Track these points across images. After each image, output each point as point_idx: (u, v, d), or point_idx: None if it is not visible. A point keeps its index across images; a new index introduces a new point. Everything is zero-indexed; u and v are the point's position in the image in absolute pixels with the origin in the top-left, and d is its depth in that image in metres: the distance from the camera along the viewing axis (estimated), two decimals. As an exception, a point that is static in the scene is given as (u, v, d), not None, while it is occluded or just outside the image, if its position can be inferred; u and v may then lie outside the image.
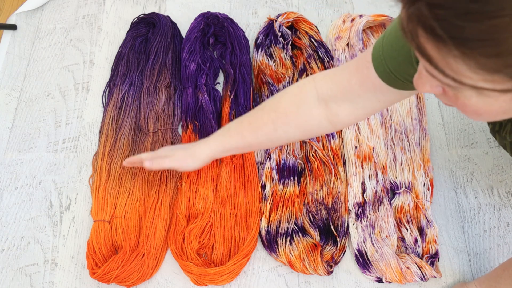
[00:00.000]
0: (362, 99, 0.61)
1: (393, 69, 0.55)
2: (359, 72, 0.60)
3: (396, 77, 0.56)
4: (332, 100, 0.64)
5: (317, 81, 0.66)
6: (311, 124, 0.67)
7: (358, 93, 0.61)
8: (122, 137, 0.93)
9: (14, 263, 0.85)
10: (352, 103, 0.63)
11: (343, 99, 0.63)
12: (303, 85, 0.67)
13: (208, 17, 1.06)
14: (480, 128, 1.00)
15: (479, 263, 0.86)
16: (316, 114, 0.66)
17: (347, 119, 0.65)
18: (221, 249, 0.84)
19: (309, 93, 0.66)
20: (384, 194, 0.89)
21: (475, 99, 0.37)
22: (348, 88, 0.61)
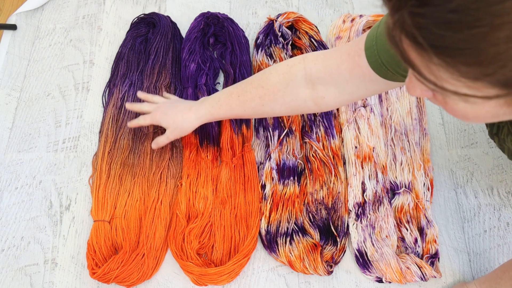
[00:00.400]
0: (349, 85, 0.62)
1: (385, 61, 0.56)
2: (350, 59, 0.60)
3: (387, 69, 0.56)
4: (320, 82, 0.65)
5: (307, 62, 0.66)
6: (297, 103, 0.70)
7: (346, 79, 0.62)
8: (122, 137, 0.93)
9: (14, 263, 0.85)
10: (339, 88, 0.64)
11: (331, 82, 0.64)
12: (293, 64, 0.68)
13: (208, 17, 1.06)
14: (480, 128, 1.00)
15: (479, 263, 0.86)
16: (303, 94, 0.68)
17: (333, 102, 0.67)
18: (221, 249, 0.84)
19: (298, 73, 0.67)
20: (384, 194, 0.89)
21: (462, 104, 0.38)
22: (337, 73, 0.62)
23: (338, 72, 0.62)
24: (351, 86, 0.62)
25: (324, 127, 0.94)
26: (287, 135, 0.93)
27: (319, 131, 0.94)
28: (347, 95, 0.65)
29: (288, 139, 0.93)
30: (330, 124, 0.94)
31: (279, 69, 0.70)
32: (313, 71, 0.65)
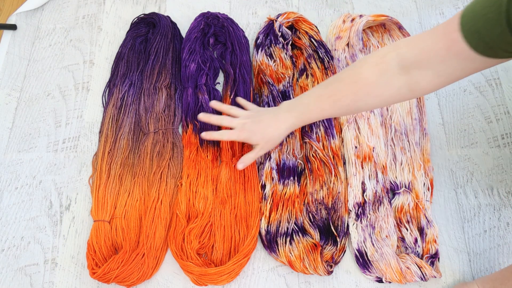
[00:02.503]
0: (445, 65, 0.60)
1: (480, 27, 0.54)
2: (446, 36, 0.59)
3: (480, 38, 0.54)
4: (415, 66, 0.63)
5: (400, 48, 0.65)
6: (391, 93, 0.67)
7: (442, 59, 0.60)
8: (122, 137, 0.93)
9: (14, 263, 0.85)
10: (435, 69, 0.62)
11: (426, 65, 0.62)
12: (385, 53, 0.67)
13: (208, 17, 1.06)
14: (480, 128, 1.00)
15: (479, 263, 0.86)
16: (397, 82, 0.66)
17: (428, 86, 0.64)
18: (221, 249, 0.84)
19: (391, 61, 0.65)
20: (384, 194, 0.89)
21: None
22: (433, 53, 0.60)
23: (434, 51, 0.60)
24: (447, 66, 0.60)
25: (324, 127, 0.94)
26: (287, 135, 0.93)
27: (319, 131, 0.94)
28: (443, 77, 0.62)
29: (288, 139, 0.93)
30: (330, 124, 0.95)
31: (371, 60, 0.68)
32: (407, 55, 0.64)
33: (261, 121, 0.79)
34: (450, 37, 0.58)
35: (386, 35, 1.08)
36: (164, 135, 0.93)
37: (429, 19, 1.13)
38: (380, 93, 0.68)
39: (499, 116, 1.01)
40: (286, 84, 0.98)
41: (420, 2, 1.16)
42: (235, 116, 0.83)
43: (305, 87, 0.99)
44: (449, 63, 0.60)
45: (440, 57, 0.60)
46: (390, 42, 1.07)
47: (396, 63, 0.65)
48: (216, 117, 0.83)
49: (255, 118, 0.81)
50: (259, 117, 0.81)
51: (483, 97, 1.03)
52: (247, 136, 0.80)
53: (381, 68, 0.66)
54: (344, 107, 0.72)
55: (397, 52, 0.65)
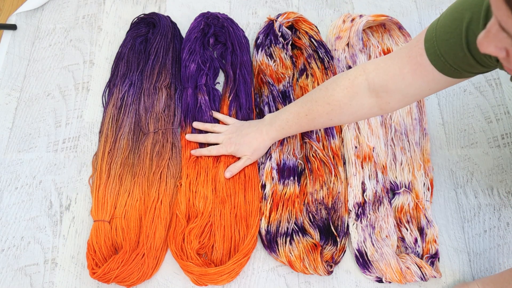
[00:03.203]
0: (413, 87, 0.63)
1: (443, 52, 0.56)
2: (412, 60, 0.61)
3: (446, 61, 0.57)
4: (383, 90, 0.67)
5: (368, 73, 0.68)
6: (363, 112, 0.73)
7: (409, 82, 0.63)
8: (122, 137, 0.93)
9: (14, 263, 0.85)
10: (402, 92, 0.65)
11: (394, 89, 0.65)
12: (355, 77, 0.70)
13: (208, 17, 1.06)
14: (480, 128, 1.00)
15: (479, 263, 0.86)
16: (368, 103, 0.70)
17: (397, 105, 0.69)
18: (221, 249, 0.84)
19: (361, 85, 0.69)
20: (384, 194, 0.89)
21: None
22: (400, 77, 0.63)
23: (401, 76, 0.63)
24: (414, 88, 0.63)
25: (324, 127, 0.94)
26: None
27: (319, 131, 0.94)
28: (410, 97, 0.66)
29: (289, 139, 0.93)
30: (330, 124, 0.95)
31: (341, 83, 0.72)
32: (375, 80, 0.67)
33: (246, 134, 0.87)
34: (415, 61, 0.60)
35: (386, 35, 1.08)
36: (164, 135, 0.93)
37: (429, 19, 1.13)
38: (352, 112, 0.73)
39: (499, 116, 1.01)
40: (286, 84, 0.98)
41: (420, 2, 1.16)
42: (220, 131, 0.90)
43: (305, 87, 0.99)
44: (415, 85, 0.63)
45: (407, 81, 0.63)
46: (390, 42, 1.07)
47: (365, 87, 0.69)
48: (202, 136, 0.91)
49: (240, 132, 0.88)
50: (244, 130, 0.88)
51: (483, 97, 1.03)
52: (235, 149, 0.88)
53: (351, 91, 0.71)
54: (320, 124, 0.79)
55: (365, 76, 0.68)
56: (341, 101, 0.72)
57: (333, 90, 0.73)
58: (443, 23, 0.56)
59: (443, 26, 0.56)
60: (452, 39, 0.55)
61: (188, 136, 0.92)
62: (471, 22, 0.52)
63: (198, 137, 0.92)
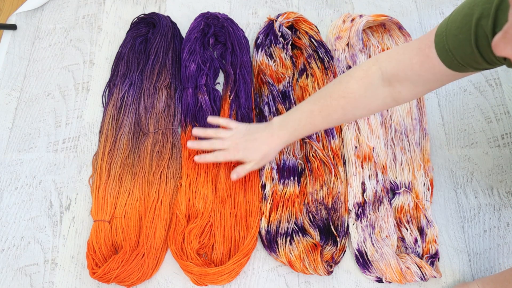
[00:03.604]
0: (421, 78, 0.65)
1: (452, 47, 0.57)
2: (421, 52, 0.62)
3: (453, 57, 0.58)
4: (395, 79, 0.68)
5: (381, 61, 0.69)
6: (377, 103, 0.72)
7: (418, 73, 0.64)
8: (122, 137, 0.93)
9: (14, 263, 0.85)
10: (413, 81, 0.66)
11: (405, 78, 0.66)
12: (368, 67, 0.71)
13: (208, 17, 1.06)
14: (480, 128, 1.00)
15: (479, 263, 0.86)
16: (382, 93, 0.70)
17: (409, 95, 0.69)
18: (221, 249, 0.84)
19: (375, 75, 0.69)
20: (384, 194, 0.89)
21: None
22: (409, 67, 0.65)
23: (410, 66, 0.64)
24: (423, 79, 0.65)
25: (324, 127, 0.94)
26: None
27: (319, 131, 0.94)
28: (420, 87, 0.67)
29: (288, 139, 0.93)
30: (330, 124, 0.95)
31: (356, 75, 0.71)
32: (388, 69, 0.68)
33: (255, 139, 0.81)
34: (424, 53, 0.62)
35: (386, 35, 1.08)
36: (164, 135, 0.93)
37: (429, 19, 1.13)
38: (367, 105, 0.72)
39: (499, 116, 1.01)
40: (286, 84, 0.98)
41: (420, 2, 1.16)
42: (224, 137, 0.84)
43: (305, 87, 0.99)
44: (423, 76, 0.64)
45: (416, 71, 0.64)
46: (390, 42, 1.07)
47: (379, 76, 0.69)
48: (207, 143, 0.85)
49: (248, 137, 0.82)
50: (252, 135, 0.82)
51: (483, 97, 1.03)
52: (243, 155, 0.82)
53: (366, 81, 0.70)
54: (334, 120, 0.76)
55: (379, 65, 0.69)
56: (356, 92, 0.71)
57: (347, 82, 0.72)
58: (454, 19, 0.57)
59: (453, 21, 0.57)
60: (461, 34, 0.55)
61: (190, 144, 0.86)
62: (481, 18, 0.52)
63: (202, 144, 0.85)
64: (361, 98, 0.71)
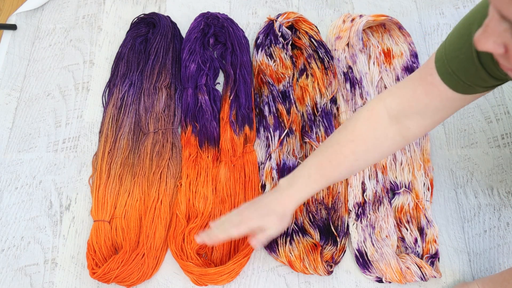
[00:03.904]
0: (429, 109, 0.62)
1: (455, 69, 0.56)
2: (422, 81, 0.61)
3: (459, 78, 0.56)
4: (402, 114, 0.65)
5: (385, 99, 0.66)
6: (388, 144, 0.68)
7: (424, 103, 0.62)
8: (122, 137, 0.93)
9: (14, 263, 0.85)
10: (420, 114, 0.64)
11: (412, 111, 0.64)
12: (373, 107, 0.68)
13: (208, 17, 1.06)
14: (480, 128, 1.00)
15: (479, 263, 0.86)
16: (391, 132, 0.67)
17: (418, 131, 0.66)
18: (221, 249, 0.84)
19: (380, 114, 0.66)
20: (384, 194, 0.89)
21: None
22: (414, 99, 0.62)
23: (415, 97, 0.62)
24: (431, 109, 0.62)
25: (324, 127, 0.94)
26: (288, 135, 0.93)
27: (319, 131, 0.94)
28: (428, 120, 0.64)
29: (289, 139, 0.93)
30: (330, 124, 0.94)
31: (361, 117, 0.68)
32: (393, 106, 0.65)
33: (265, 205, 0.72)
34: (426, 82, 0.60)
35: (386, 35, 1.08)
36: (164, 135, 0.94)
37: (429, 19, 1.13)
38: (377, 147, 0.68)
39: (499, 116, 1.01)
40: (286, 84, 0.98)
41: (420, 2, 1.16)
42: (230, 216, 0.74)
43: (305, 87, 0.99)
44: (431, 106, 0.62)
45: (422, 102, 0.62)
46: (390, 42, 1.07)
47: (385, 115, 0.66)
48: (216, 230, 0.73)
49: (256, 205, 0.73)
50: (260, 202, 0.73)
51: (483, 97, 1.03)
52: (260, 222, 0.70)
53: (373, 121, 0.67)
54: (346, 169, 0.69)
55: (383, 104, 0.66)
56: (365, 134, 0.67)
57: (353, 126, 0.68)
58: (451, 41, 0.57)
59: (451, 44, 0.56)
60: (462, 55, 0.55)
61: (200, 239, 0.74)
62: None
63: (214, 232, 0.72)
64: (370, 140, 0.67)
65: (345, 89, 0.98)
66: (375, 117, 0.67)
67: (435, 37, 1.11)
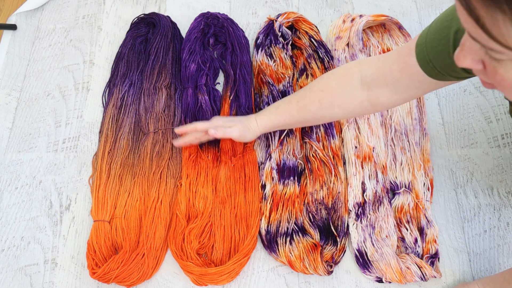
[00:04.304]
0: (400, 85, 0.66)
1: (432, 58, 0.59)
2: (400, 59, 0.64)
3: (434, 67, 0.59)
4: (374, 84, 0.69)
5: (363, 65, 0.71)
6: (354, 105, 0.73)
7: (397, 79, 0.66)
8: (122, 137, 0.93)
9: (14, 263, 0.85)
10: (391, 88, 0.68)
11: (384, 83, 0.68)
12: (350, 67, 0.73)
13: (208, 17, 1.06)
14: (480, 128, 1.00)
15: (479, 263, 0.86)
16: (359, 96, 0.72)
17: (387, 102, 0.70)
18: (221, 249, 0.84)
19: (354, 75, 0.72)
20: (384, 194, 0.89)
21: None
22: (389, 73, 0.66)
23: (390, 72, 0.66)
24: (402, 86, 0.66)
25: (324, 127, 0.94)
26: (288, 135, 0.93)
27: (319, 131, 0.94)
28: (398, 95, 0.68)
29: (289, 139, 0.93)
30: (330, 124, 0.94)
31: (337, 72, 0.75)
32: (368, 73, 0.70)
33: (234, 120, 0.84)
34: (403, 60, 0.64)
35: (386, 35, 1.08)
36: (164, 135, 0.94)
37: (429, 19, 1.13)
38: (343, 104, 0.74)
39: (499, 116, 1.01)
40: (286, 84, 0.98)
41: (420, 2, 1.16)
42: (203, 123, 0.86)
43: (305, 87, 0.99)
44: (402, 83, 0.66)
45: (394, 77, 0.66)
46: (390, 42, 1.07)
47: (358, 78, 0.71)
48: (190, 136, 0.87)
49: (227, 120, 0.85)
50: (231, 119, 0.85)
51: (483, 97, 1.03)
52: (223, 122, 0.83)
53: (345, 80, 0.73)
54: (310, 113, 0.77)
55: (359, 68, 0.71)
56: (334, 88, 0.73)
57: (328, 78, 0.75)
58: (433, 30, 0.59)
59: (433, 33, 0.59)
60: (440, 46, 0.57)
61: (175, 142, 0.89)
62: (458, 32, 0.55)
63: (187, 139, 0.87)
64: (338, 95, 0.73)
65: (345, 89, 0.98)
66: (349, 76, 0.72)
67: (435, 37, 1.11)
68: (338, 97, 0.73)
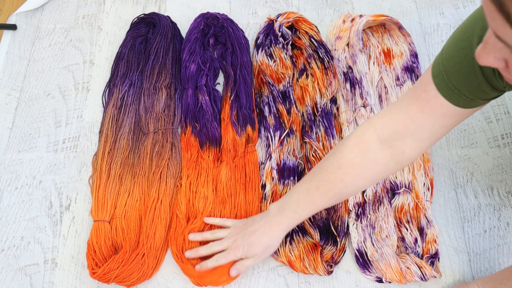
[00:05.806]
0: (425, 128, 0.60)
1: (456, 84, 0.55)
2: (417, 99, 0.59)
3: (461, 93, 0.55)
4: (395, 138, 0.63)
5: (375, 123, 0.65)
6: (379, 170, 0.66)
7: (420, 123, 0.60)
8: (122, 137, 0.93)
9: (14, 263, 0.85)
10: (414, 136, 0.62)
11: (405, 134, 0.62)
12: (362, 132, 0.66)
13: (208, 17, 1.06)
14: (480, 128, 1.00)
15: (479, 263, 0.86)
16: (382, 158, 0.65)
17: (414, 153, 0.64)
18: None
19: (370, 139, 0.65)
20: (384, 194, 0.89)
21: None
22: (408, 119, 0.60)
23: (410, 119, 0.60)
24: (427, 129, 0.60)
25: (324, 127, 0.94)
26: (288, 135, 0.93)
27: (319, 131, 0.94)
28: (425, 141, 0.62)
29: (289, 139, 0.93)
30: (330, 124, 0.94)
31: (349, 143, 0.67)
32: (384, 129, 0.64)
33: (254, 232, 0.75)
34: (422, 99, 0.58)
35: (386, 35, 1.08)
36: (164, 135, 0.94)
37: (429, 19, 1.14)
38: (367, 172, 0.67)
39: (499, 116, 1.01)
40: (286, 84, 0.99)
41: (420, 2, 1.16)
42: (222, 237, 0.80)
43: (305, 87, 0.99)
44: (427, 125, 0.60)
45: (417, 122, 0.60)
46: (390, 42, 1.07)
47: (375, 140, 0.64)
48: (204, 248, 0.80)
49: (246, 231, 0.76)
50: (249, 228, 0.76)
51: (483, 97, 1.03)
52: (245, 251, 0.75)
53: (362, 148, 0.66)
54: (335, 195, 0.70)
55: (373, 128, 0.65)
56: (353, 161, 0.66)
57: (341, 152, 0.67)
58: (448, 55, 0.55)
59: (449, 58, 0.55)
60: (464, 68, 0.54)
61: (189, 253, 0.80)
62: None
63: (200, 251, 0.80)
64: (359, 166, 0.66)
65: (345, 89, 0.98)
66: (364, 143, 0.65)
67: (435, 37, 1.11)
68: (361, 169, 0.66)
